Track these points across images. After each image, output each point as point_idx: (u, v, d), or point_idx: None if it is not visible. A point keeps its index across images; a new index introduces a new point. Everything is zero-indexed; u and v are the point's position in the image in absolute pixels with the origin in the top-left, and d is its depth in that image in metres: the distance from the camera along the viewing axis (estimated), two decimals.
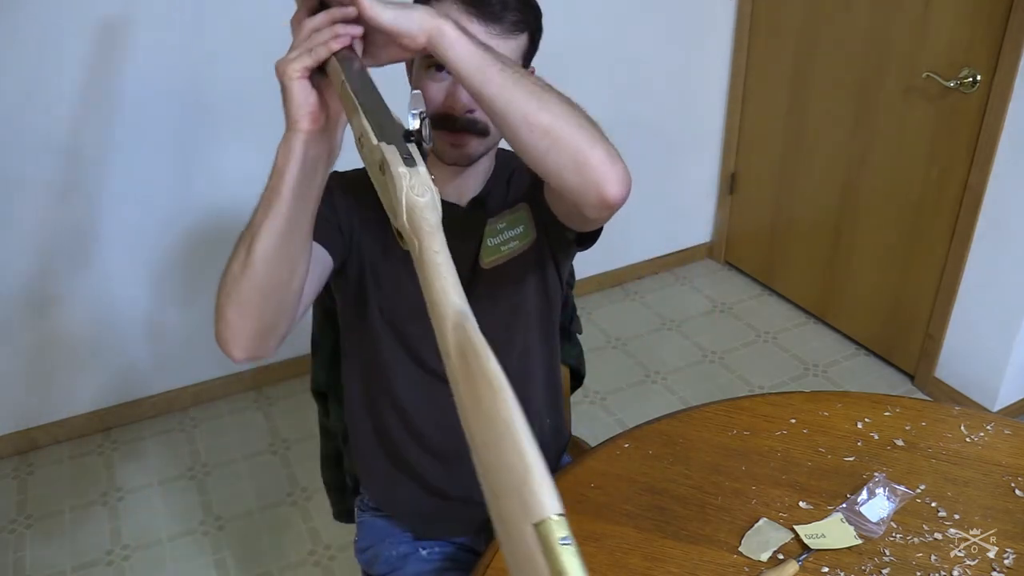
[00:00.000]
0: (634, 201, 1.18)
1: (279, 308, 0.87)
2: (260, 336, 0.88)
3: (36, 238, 2.08)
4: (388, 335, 1.11)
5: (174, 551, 1.97)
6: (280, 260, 0.83)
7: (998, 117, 2.03)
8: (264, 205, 0.81)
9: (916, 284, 2.41)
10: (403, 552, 1.21)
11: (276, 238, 0.81)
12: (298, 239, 0.84)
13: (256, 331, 0.87)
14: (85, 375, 2.29)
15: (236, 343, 0.88)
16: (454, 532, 1.22)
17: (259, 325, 0.87)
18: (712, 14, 2.74)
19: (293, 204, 0.80)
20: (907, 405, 1.16)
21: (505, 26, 0.95)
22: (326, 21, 0.77)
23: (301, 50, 0.76)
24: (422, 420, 1.15)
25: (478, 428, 0.48)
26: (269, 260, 0.82)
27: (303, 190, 0.81)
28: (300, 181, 0.80)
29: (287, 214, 0.80)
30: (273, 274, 0.84)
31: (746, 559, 0.93)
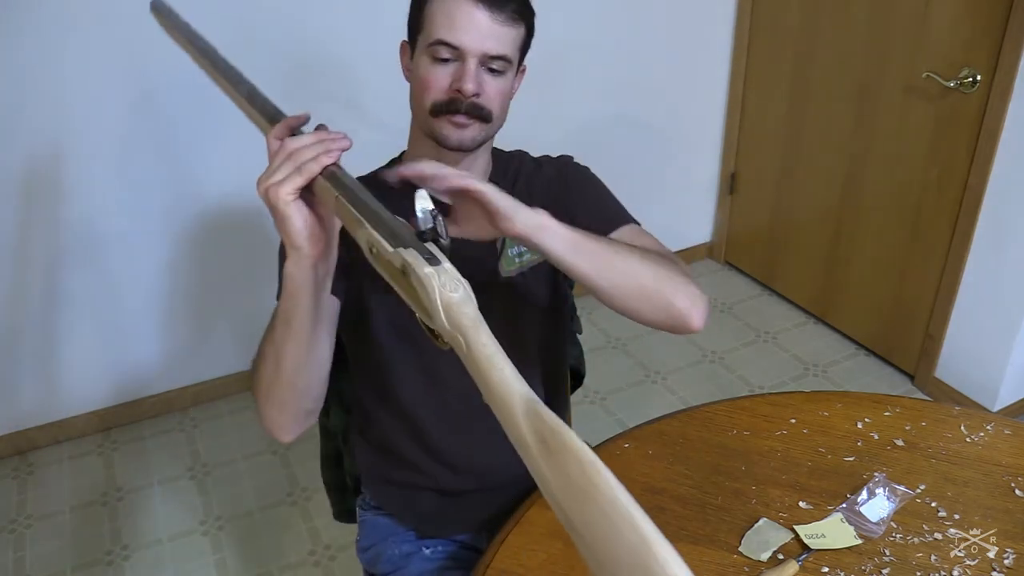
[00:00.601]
0: (634, 201, 1.18)
1: (316, 393, 0.95)
2: (303, 418, 0.96)
3: (36, 237, 2.08)
4: (391, 339, 1.10)
5: (174, 551, 1.97)
6: (308, 364, 0.90)
7: (998, 117, 2.03)
8: (282, 325, 0.85)
9: (916, 284, 2.41)
10: (406, 551, 1.21)
11: (301, 349, 0.87)
12: (319, 339, 0.89)
13: (297, 417, 0.95)
14: (85, 375, 2.29)
15: (283, 432, 0.96)
16: (457, 530, 1.22)
17: (299, 411, 0.95)
18: (712, 14, 2.74)
19: (311, 319, 0.84)
20: (907, 405, 1.16)
21: (508, 14, 0.98)
22: (314, 140, 0.76)
23: (289, 170, 0.75)
24: (427, 424, 1.14)
25: (575, 508, 0.47)
26: (299, 368, 0.89)
27: (318, 304, 0.85)
28: (315, 299, 0.83)
29: (308, 328, 0.85)
30: (303, 375, 0.90)
31: (746, 559, 0.93)
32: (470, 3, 0.96)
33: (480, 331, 0.58)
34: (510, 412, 0.54)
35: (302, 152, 0.76)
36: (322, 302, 0.86)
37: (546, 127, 2.38)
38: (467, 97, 0.98)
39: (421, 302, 0.61)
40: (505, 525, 0.99)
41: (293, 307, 0.83)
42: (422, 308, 0.62)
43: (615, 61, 2.62)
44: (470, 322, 0.59)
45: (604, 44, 2.58)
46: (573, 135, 2.62)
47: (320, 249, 0.80)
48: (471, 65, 0.97)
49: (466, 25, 0.96)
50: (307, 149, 0.76)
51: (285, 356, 0.87)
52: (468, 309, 0.59)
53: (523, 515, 1.00)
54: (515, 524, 0.99)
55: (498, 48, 0.98)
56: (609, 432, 1.14)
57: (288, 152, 0.76)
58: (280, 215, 0.77)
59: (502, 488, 1.15)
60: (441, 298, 0.59)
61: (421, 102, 1.02)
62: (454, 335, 0.59)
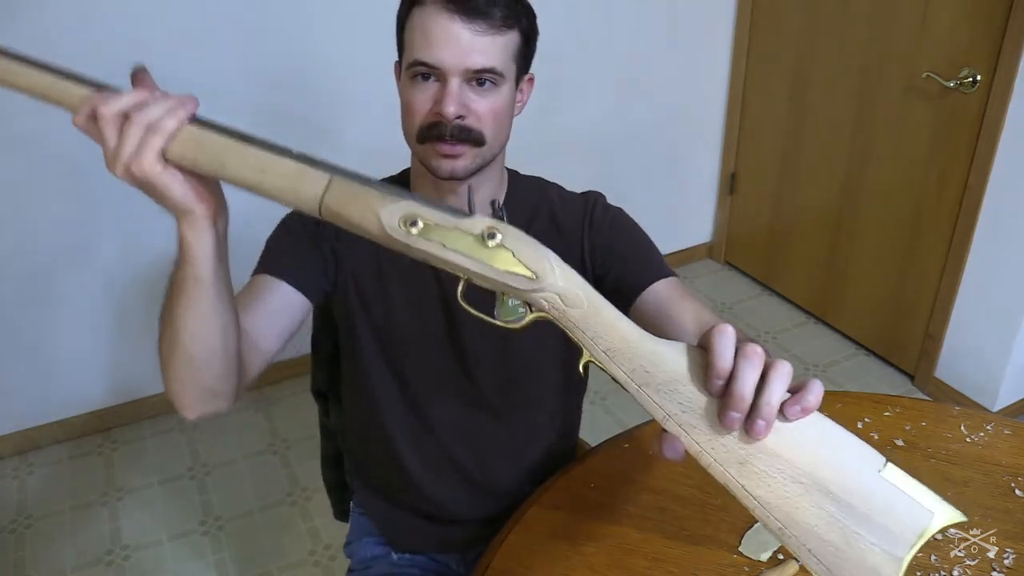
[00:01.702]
0: (634, 201, 1.18)
1: (219, 370, 0.82)
2: (209, 398, 0.84)
3: (36, 237, 2.08)
4: (379, 365, 1.07)
5: (174, 551, 1.97)
6: (210, 334, 0.78)
7: (998, 117, 2.03)
8: (180, 294, 0.74)
9: (916, 284, 2.41)
10: (375, 553, 1.22)
11: (201, 319, 0.76)
12: (223, 306, 0.77)
13: (200, 396, 0.84)
14: (85, 375, 2.29)
15: (184, 408, 0.85)
16: (425, 548, 1.21)
17: (201, 388, 0.83)
18: (712, 14, 2.74)
19: (213, 285, 0.73)
20: (907, 405, 1.16)
21: (492, 22, 0.88)
22: (145, 95, 0.63)
23: (138, 135, 0.62)
24: (404, 454, 1.12)
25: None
26: (197, 339, 0.77)
27: (222, 268, 0.74)
28: (217, 261, 0.72)
29: (212, 297, 0.74)
30: (202, 346, 0.78)
31: (746, 559, 0.93)
32: (445, 15, 0.87)
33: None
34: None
35: (143, 111, 0.62)
36: (225, 265, 0.75)
37: (546, 128, 2.38)
38: (450, 120, 0.89)
39: (505, 268, 0.59)
40: (505, 525, 0.99)
41: (195, 271, 0.71)
42: (505, 275, 0.59)
43: (615, 61, 2.62)
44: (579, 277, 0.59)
45: (604, 44, 2.58)
46: (573, 135, 2.62)
47: (214, 202, 0.68)
48: (452, 85, 0.89)
49: (443, 40, 0.88)
50: (149, 107, 0.62)
51: (182, 326, 0.76)
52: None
53: (523, 515, 1.00)
54: (515, 524, 0.99)
55: (483, 61, 0.89)
56: (609, 432, 1.14)
57: (117, 115, 0.63)
58: (155, 188, 0.65)
59: (474, 521, 1.15)
60: (552, 257, 0.59)
61: (408, 128, 0.95)
62: (575, 292, 0.58)
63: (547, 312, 0.60)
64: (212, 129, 0.64)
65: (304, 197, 0.62)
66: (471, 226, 0.59)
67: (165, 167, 0.63)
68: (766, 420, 0.54)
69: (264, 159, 0.63)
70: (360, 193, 0.61)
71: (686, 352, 0.58)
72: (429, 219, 0.59)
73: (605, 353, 0.58)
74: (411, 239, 0.60)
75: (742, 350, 0.55)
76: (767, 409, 0.54)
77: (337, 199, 0.62)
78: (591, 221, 1.04)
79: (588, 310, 0.59)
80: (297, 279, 0.98)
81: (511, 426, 1.12)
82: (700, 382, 0.57)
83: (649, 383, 0.58)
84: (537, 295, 0.59)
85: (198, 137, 0.63)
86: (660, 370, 0.57)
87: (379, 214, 0.60)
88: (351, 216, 0.61)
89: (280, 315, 0.96)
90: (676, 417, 0.58)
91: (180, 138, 0.63)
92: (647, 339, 0.58)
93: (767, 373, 0.55)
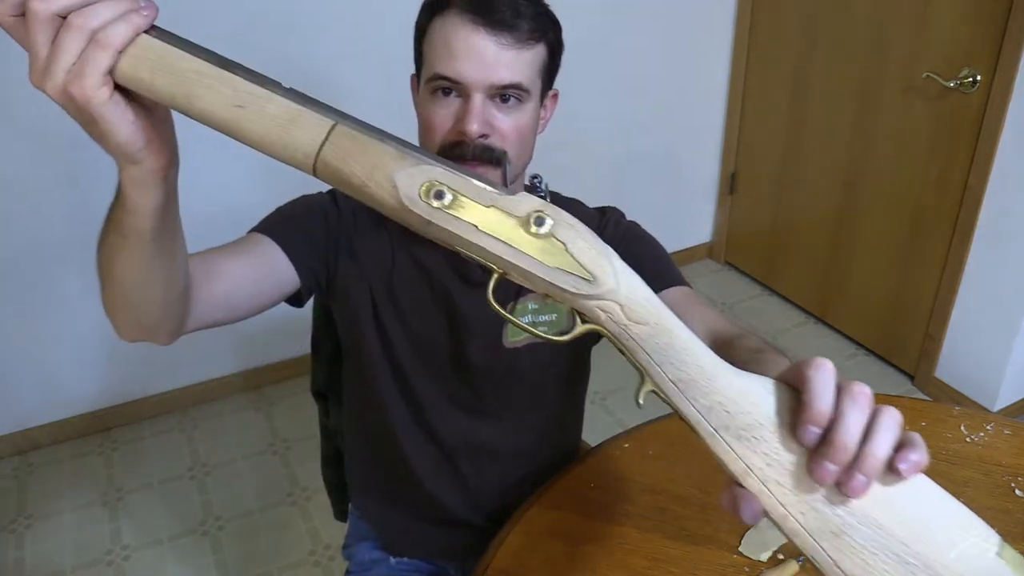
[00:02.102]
0: (634, 201, 1.18)
1: (160, 317, 0.73)
2: (143, 332, 0.75)
3: (35, 236, 2.08)
4: (383, 369, 1.05)
5: (174, 551, 1.97)
6: (148, 282, 0.68)
7: (998, 117, 2.03)
8: (117, 237, 0.63)
9: (916, 284, 2.41)
10: (374, 557, 1.21)
11: (140, 271, 0.66)
12: (167, 265, 0.67)
13: (134, 328, 0.74)
14: (85, 375, 2.29)
15: (119, 331, 0.75)
16: (423, 554, 1.21)
17: (136, 324, 0.74)
18: (712, 14, 2.74)
19: (157, 240, 0.63)
20: (907, 405, 1.16)
21: (518, 35, 0.84)
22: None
23: (79, 45, 0.47)
24: (411, 460, 1.11)
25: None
26: (133, 284, 0.67)
27: (169, 219, 0.63)
28: (164, 215, 0.61)
29: (152, 251, 0.64)
30: (138, 292, 0.69)
31: (746, 559, 0.93)
32: (469, 27, 0.82)
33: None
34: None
35: (87, 13, 0.47)
36: (173, 216, 0.63)
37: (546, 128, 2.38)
38: (473, 139, 0.84)
39: (556, 264, 0.48)
40: (505, 525, 0.99)
41: (131, 225, 0.60)
42: (554, 273, 0.48)
43: (615, 61, 2.62)
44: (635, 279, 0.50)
45: (604, 44, 2.58)
46: (573, 135, 2.62)
47: (166, 152, 0.55)
48: (476, 101, 0.84)
49: (466, 53, 0.83)
50: (95, 7, 0.47)
51: (118, 271, 0.66)
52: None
53: (523, 515, 1.00)
54: (515, 524, 0.99)
55: (509, 76, 0.84)
56: (609, 432, 1.14)
57: (52, 15, 0.47)
58: (93, 121, 0.50)
59: (474, 526, 1.14)
60: (614, 258, 0.49)
61: (426, 145, 0.89)
62: (641, 304, 0.49)
63: (602, 325, 0.49)
64: (178, 44, 0.49)
65: (295, 145, 0.48)
66: (514, 205, 0.48)
67: (112, 95, 0.49)
68: (867, 476, 0.44)
69: (246, 90, 0.49)
70: (371, 148, 0.48)
71: (774, 390, 0.47)
72: (460, 190, 0.48)
73: (675, 384, 0.48)
74: (434, 214, 0.47)
75: (847, 389, 0.45)
76: (871, 463, 0.44)
77: (339, 153, 0.48)
78: (613, 235, 1.01)
79: (656, 328, 0.48)
80: (296, 253, 0.92)
81: (513, 433, 1.11)
82: (790, 428, 0.46)
83: (729, 426, 0.46)
84: (592, 303, 0.49)
85: (160, 53, 0.48)
86: (743, 411, 0.46)
87: (394, 178, 0.48)
88: (355, 176, 0.48)
89: (262, 281, 0.89)
90: (759, 472, 0.46)
91: (136, 52, 0.48)
92: (728, 371, 0.48)
93: (873, 419, 0.45)
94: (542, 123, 0.96)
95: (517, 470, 1.13)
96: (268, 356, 2.47)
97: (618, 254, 0.88)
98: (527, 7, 0.86)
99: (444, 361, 1.05)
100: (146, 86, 0.49)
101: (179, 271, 0.71)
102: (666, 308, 0.50)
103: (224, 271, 0.84)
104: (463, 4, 0.84)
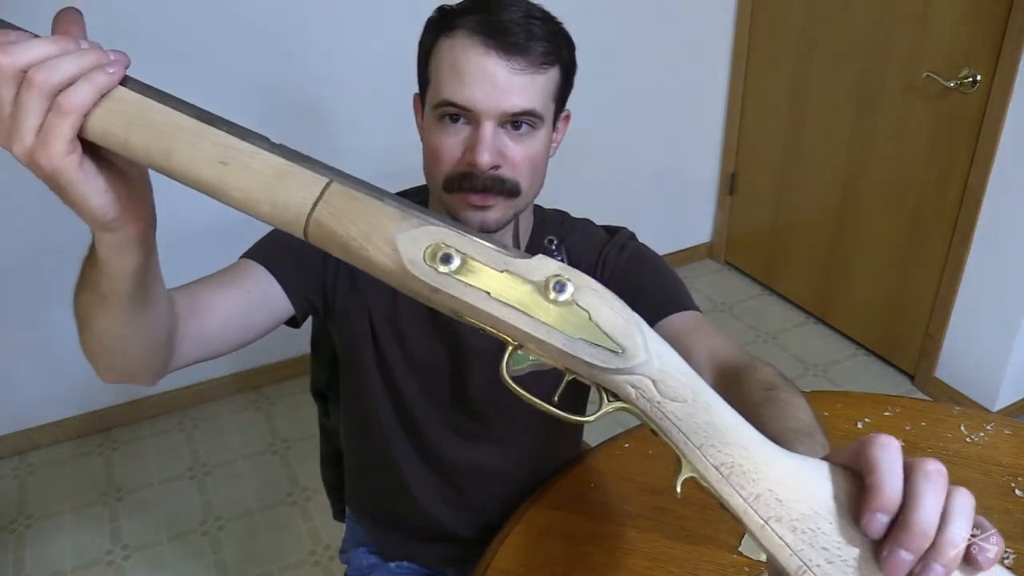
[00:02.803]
0: (634, 201, 1.18)
1: (139, 367, 0.72)
2: (123, 376, 0.74)
3: (35, 236, 2.08)
4: (380, 393, 1.03)
5: (174, 551, 1.97)
6: (127, 342, 0.67)
7: (998, 117, 2.03)
8: (93, 293, 0.61)
9: (916, 284, 2.41)
10: (372, 562, 1.21)
11: (117, 327, 0.64)
12: (146, 321, 0.65)
13: (113, 371, 0.74)
14: (85, 375, 2.28)
15: (99, 374, 0.75)
16: (421, 562, 1.21)
17: (114, 370, 0.73)
18: (712, 15, 2.74)
19: (135, 300, 0.61)
20: (907, 405, 1.16)
21: (532, 59, 0.79)
22: (53, 46, 0.44)
23: (40, 109, 0.44)
24: (408, 478, 1.09)
25: None
26: (114, 341, 0.66)
27: (148, 277, 0.60)
28: (143, 277, 0.59)
29: (129, 311, 0.62)
30: (119, 349, 0.68)
31: (746, 559, 0.93)
32: (480, 50, 0.78)
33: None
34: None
35: (48, 69, 0.43)
36: (153, 272, 0.61)
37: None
38: (484, 171, 0.80)
39: (580, 335, 0.43)
40: (505, 525, 0.99)
41: (107, 285, 0.59)
42: (578, 346, 0.43)
43: (616, 61, 2.62)
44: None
45: (604, 44, 2.58)
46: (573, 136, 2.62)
47: (143, 218, 0.53)
48: (487, 130, 0.79)
49: (477, 79, 0.78)
50: (58, 63, 0.43)
51: (93, 324, 0.64)
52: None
53: (523, 515, 1.00)
54: (515, 524, 0.99)
55: (522, 103, 0.79)
56: (609, 432, 1.14)
57: (16, 72, 0.43)
58: (63, 190, 0.48)
59: (473, 540, 1.13)
60: (644, 327, 0.44)
61: (432, 174, 0.85)
62: (676, 378, 0.44)
63: (632, 403, 0.44)
64: (154, 96, 0.45)
65: (285, 205, 0.44)
66: (529, 270, 0.43)
67: (81, 162, 0.46)
68: (947, 567, 0.39)
69: (230, 145, 0.45)
70: (369, 207, 0.44)
71: (830, 475, 0.42)
72: (470, 253, 0.43)
73: (718, 470, 0.42)
74: (441, 280, 0.43)
75: (920, 469, 0.40)
76: (949, 552, 0.39)
77: (334, 213, 0.44)
78: (603, 264, 0.96)
79: (695, 406, 0.43)
80: (290, 282, 0.90)
81: (515, 455, 1.09)
82: (851, 518, 0.40)
83: (781, 517, 0.41)
84: (620, 378, 0.43)
85: (134, 106, 0.45)
86: (797, 499, 0.41)
87: (395, 240, 0.43)
88: (351, 239, 0.43)
89: (253, 314, 0.87)
90: (818, 569, 0.40)
91: (108, 106, 0.45)
92: (778, 454, 0.43)
93: (948, 502, 0.40)
94: (554, 147, 0.92)
95: (517, 488, 1.11)
96: (268, 356, 2.47)
97: (620, 278, 0.81)
98: (541, 28, 0.81)
99: (445, 390, 1.03)
100: (120, 143, 0.45)
101: (159, 321, 0.68)
102: (704, 383, 0.45)
103: (213, 306, 0.81)
104: (473, 26, 0.79)
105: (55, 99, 0.44)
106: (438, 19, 0.85)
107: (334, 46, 2.17)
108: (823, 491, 0.41)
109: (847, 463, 0.43)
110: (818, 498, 0.41)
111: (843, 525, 0.40)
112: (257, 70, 2.10)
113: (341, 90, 2.21)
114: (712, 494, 0.43)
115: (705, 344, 0.80)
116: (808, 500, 0.41)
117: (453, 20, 0.82)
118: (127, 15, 1.91)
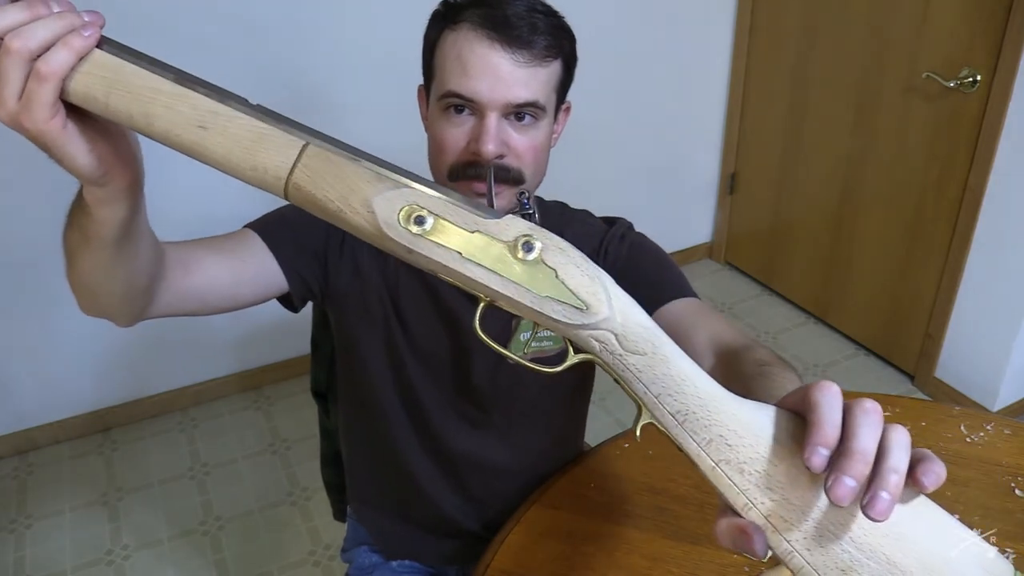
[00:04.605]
0: (634, 201, 1.18)
1: (121, 307, 0.75)
2: (102, 313, 0.77)
3: (35, 236, 2.08)
4: (385, 379, 1.03)
5: (174, 551, 1.97)
6: (111, 282, 0.69)
7: (998, 117, 2.03)
8: (80, 236, 0.62)
9: (916, 284, 2.41)
10: (373, 561, 1.21)
11: (102, 269, 0.66)
12: (131, 264, 0.67)
13: (93, 308, 0.77)
14: (85, 375, 2.29)
15: (80, 306, 0.78)
16: (423, 560, 1.21)
17: (96, 306, 0.76)
18: (712, 14, 2.74)
19: (123, 245, 0.63)
20: (907, 405, 1.16)
21: (535, 52, 0.82)
22: (27, 15, 0.45)
23: (19, 76, 0.45)
24: (415, 467, 1.10)
25: None
26: (97, 282, 0.69)
27: (135, 226, 0.62)
28: (130, 226, 0.61)
29: (115, 255, 0.64)
30: (102, 289, 0.70)
31: (746, 559, 0.93)
32: (485, 42, 0.80)
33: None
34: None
35: (24, 35, 0.45)
36: (140, 221, 0.63)
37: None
38: (488, 160, 0.82)
39: (545, 292, 0.46)
40: (505, 525, 0.99)
41: (95, 231, 0.60)
42: (544, 302, 0.46)
43: (615, 61, 2.62)
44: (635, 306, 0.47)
45: (604, 44, 2.58)
46: (573, 135, 2.62)
47: (129, 172, 0.55)
48: (491, 120, 0.82)
49: (482, 71, 0.81)
50: (33, 28, 0.45)
51: (77, 261, 0.66)
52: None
53: (523, 515, 1.00)
54: (515, 524, 0.99)
55: (525, 95, 0.82)
56: (609, 432, 1.14)
57: None
58: (50, 149, 0.49)
59: (476, 535, 1.14)
60: (608, 282, 0.46)
61: (437, 164, 0.88)
62: (638, 332, 0.46)
63: (596, 355, 0.47)
64: (133, 59, 0.46)
65: (263, 168, 0.46)
66: (500, 230, 0.46)
67: (65, 124, 0.47)
68: (891, 493, 0.40)
69: (208, 109, 0.46)
70: (346, 170, 0.45)
71: (777, 418, 0.45)
72: (442, 215, 0.46)
73: (674, 417, 0.45)
74: (415, 241, 0.45)
75: (856, 404, 0.43)
76: (892, 478, 0.40)
77: (312, 177, 0.45)
78: (605, 253, 0.98)
79: (654, 358, 0.46)
80: (288, 259, 0.91)
81: (519, 445, 1.10)
82: (796, 459, 0.43)
83: (730, 459, 0.44)
84: (585, 332, 0.46)
85: (114, 70, 0.46)
86: (745, 443, 0.44)
87: (371, 203, 0.45)
88: (329, 202, 0.45)
89: (243, 284, 0.88)
90: (762, 506, 0.43)
91: (88, 70, 0.46)
92: (729, 400, 0.46)
93: (884, 436, 0.42)
94: (555, 137, 0.95)
95: (521, 481, 1.12)
96: (268, 356, 2.47)
97: (622, 268, 0.83)
98: (544, 22, 0.83)
99: (449, 376, 1.04)
100: (101, 106, 0.46)
101: (142, 269, 0.70)
102: (664, 335, 0.47)
103: (204, 267, 0.83)
104: (477, 19, 0.82)
105: (34, 64, 0.45)
106: (443, 12, 0.87)
107: (335, 35, 2.17)
108: (770, 434, 0.44)
109: (794, 407, 0.45)
110: (765, 441, 0.44)
111: (788, 467, 0.43)
112: (257, 61, 2.10)
113: (343, 81, 2.21)
114: (669, 438, 0.46)
115: (706, 329, 0.82)
116: (756, 444, 0.44)
117: (458, 14, 0.85)
118: (128, 4, 1.91)
